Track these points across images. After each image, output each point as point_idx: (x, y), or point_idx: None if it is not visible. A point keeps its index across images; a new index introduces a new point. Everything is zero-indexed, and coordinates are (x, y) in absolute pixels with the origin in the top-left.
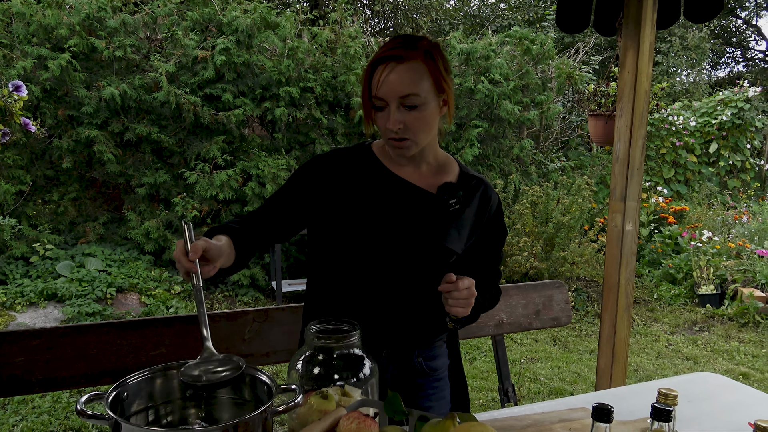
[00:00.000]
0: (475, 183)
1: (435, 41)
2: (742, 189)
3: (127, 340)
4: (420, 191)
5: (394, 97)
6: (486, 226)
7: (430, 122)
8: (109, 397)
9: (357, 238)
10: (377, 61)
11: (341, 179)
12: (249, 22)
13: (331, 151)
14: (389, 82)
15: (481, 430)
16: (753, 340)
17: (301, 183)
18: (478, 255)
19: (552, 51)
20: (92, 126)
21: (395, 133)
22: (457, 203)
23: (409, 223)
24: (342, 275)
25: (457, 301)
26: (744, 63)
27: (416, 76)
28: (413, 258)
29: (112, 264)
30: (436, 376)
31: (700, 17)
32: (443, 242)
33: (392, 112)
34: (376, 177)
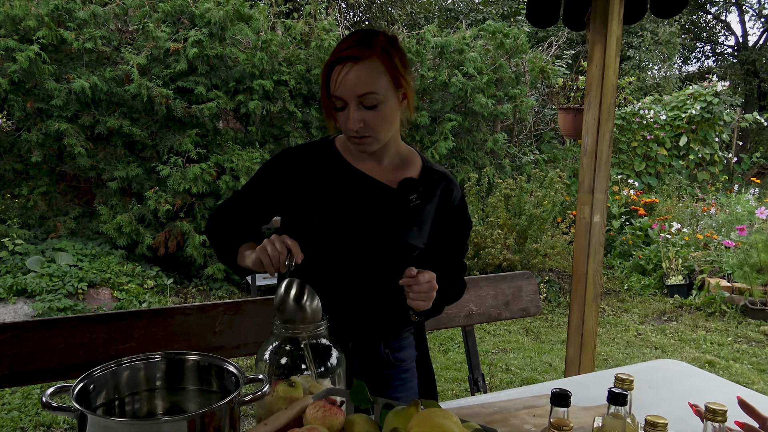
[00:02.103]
0: (437, 177)
1: (392, 35)
2: (710, 181)
3: (96, 334)
4: (381, 186)
5: (352, 96)
6: (448, 220)
7: (391, 119)
8: (75, 389)
9: (320, 232)
10: (334, 62)
11: (304, 174)
12: (222, 15)
13: (295, 146)
14: (347, 83)
15: (442, 415)
16: (719, 328)
17: (267, 178)
18: (442, 248)
19: (525, 45)
20: (62, 119)
21: (356, 132)
22: (417, 198)
23: (369, 218)
24: (308, 268)
25: (417, 294)
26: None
27: (373, 75)
28: (375, 253)
29: (83, 259)
30: (403, 367)
31: (666, 12)
32: (404, 238)
33: (352, 112)
34: (337, 172)
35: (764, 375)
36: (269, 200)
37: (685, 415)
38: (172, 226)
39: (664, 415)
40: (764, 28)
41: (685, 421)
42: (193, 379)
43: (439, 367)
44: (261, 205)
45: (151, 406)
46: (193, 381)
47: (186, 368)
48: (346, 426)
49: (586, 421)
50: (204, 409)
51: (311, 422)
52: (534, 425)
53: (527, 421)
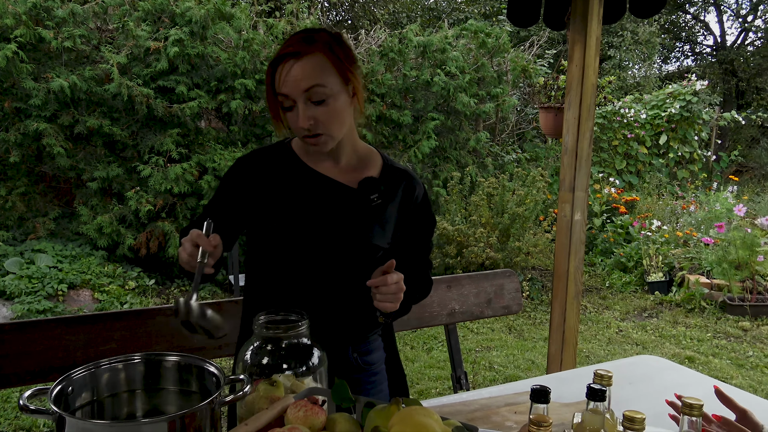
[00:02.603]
0: (398, 176)
1: (336, 32)
2: (690, 179)
3: (75, 336)
4: (341, 187)
5: (298, 92)
6: (412, 218)
7: (342, 115)
8: (53, 392)
9: (282, 236)
10: (276, 60)
11: (263, 179)
12: (203, 13)
13: (251, 152)
14: (291, 78)
15: (423, 413)
16: (698, 324)
17: (228, 187)
18: (407, 247)
19: (507, 44)
20: (41, 119)
21: (308, 131)
22: (378, 198)
23: (331, 220)
24: (272, 273)
25: (385, 296)
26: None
27: (317, 68)
28: (339, 255)
29: (63, 260)
30: (373, 371)
31: (645, 12)
32: (368, 238)
33: (301, 109)
34: (296, 174)
35: (742, 370)
36: (233, 212)
37: (664, 410)
38: (153, 227)
39: (643, 410)
40: (742, 28)
41: (664, 416)
42: (174, 380)
43: (423, 366)
44: (226, 219)
45: (131, 408)
46: (173, 382)
47: (166, 369)
48: (328, 425)
49: (566, 417)
50: (184, 410)
51: (292, 422)
52: (515, 422)
53: (508, 418)
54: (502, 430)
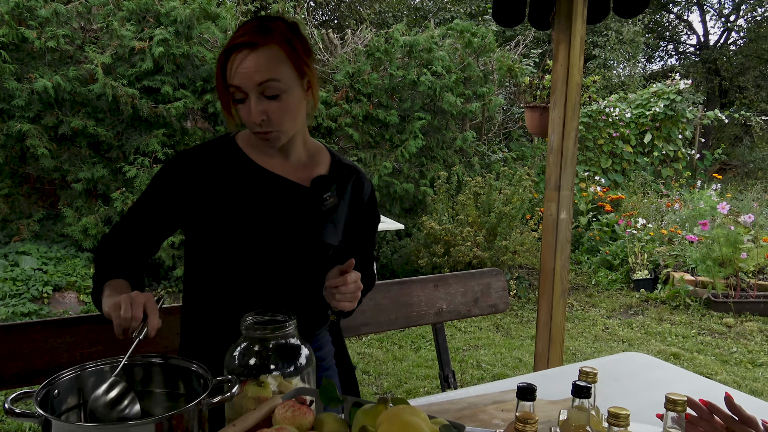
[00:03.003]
0: (347, 172)
1: (292, 21)
2: (674, 178)
3: (61, 339)
4: (292, 185)
5: (252, 85)
6: (360, 215)
7: (295, 110)
8: (39, 395)
9: (230, 236)
10: (230, 49)
11: (207, 176)
12: (188, 13)
13: (193, 148)
14: (244, 70)
15: (410, 412)
16: (683, 321)
17: (166, 185)
18: (353, 243)
19: (493, 44)
20: (24, 119)
21: (259, 126)
22: (331, 197)
23: (283, 219)
24: (218, 274)
25: (344, 295)
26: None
27: (273, 62)
28: (290, 254)
29: (48, 262)
30: (324, 365)
31: (629, 12)
32: (320, 237)
33: (253, 103)
34: (243, 172)
35: (727, 366)
36: (169, 212)
37: (649, 406)
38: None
39: (628, 406)
40: (724, 27)
41: (648, 413)
42: (160, 382)
43: (411, 365)
44: (160, 220)
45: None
46: (160, 384)
47: (153, 371)
48: (316, 425)
49: (552, 414)
50: (171, 412)
51: (280, 422)
52: (502, 420)
53: (496, 416)
54: (489, 428)
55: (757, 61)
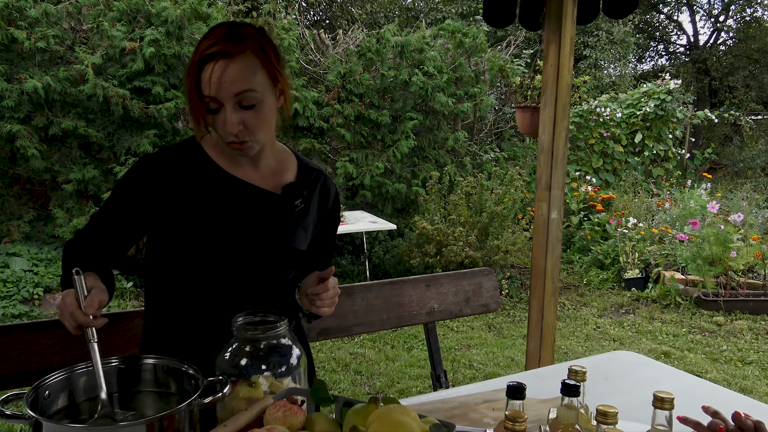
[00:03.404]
0: (314, 176)
1: (260, 27)
2: (665, 177)
3: (51, 340)
4: (263, 193)
5: (228, 96)
6: (326, 219)
7: (269, 119)
8: (30, 397)
9: (197, 242)
10: (203, 59)
11: (173, 181)
12: (179, 13)
13: (158, 151)
14: (222, 82)
15: (400, 411)
16: (674, 320)
17: (132, 188)
18: (317, 246)
19: (484, 44)
20: (14, 120)
21: (235, 137)
22: (302, 203)
23: (254, 226)
24: (184, 280)
25: (324, 302)
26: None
27: (249, 71)
28: (259, 261)
29: (39, 263)
30: None
31: (618, 13)
32: (290, 244)
33: (229, 114)
34: (211, 179)
35: (717, 364)
36: (134, 215)
37: (638, 404)
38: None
39: (617, 404)
40: (714, 28)
41: (639, 411)
42: (152, 383)
43: (403, 365)
44: (125, 223)
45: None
46: (151, 385)
47: (144, 372)
48: (307, 425)
49: (542, 412)
50: (162, 413)
51: (271, 422)
52: (493, 419)
53: (486, 415)
54: (479, 427)
55: (747, 61)
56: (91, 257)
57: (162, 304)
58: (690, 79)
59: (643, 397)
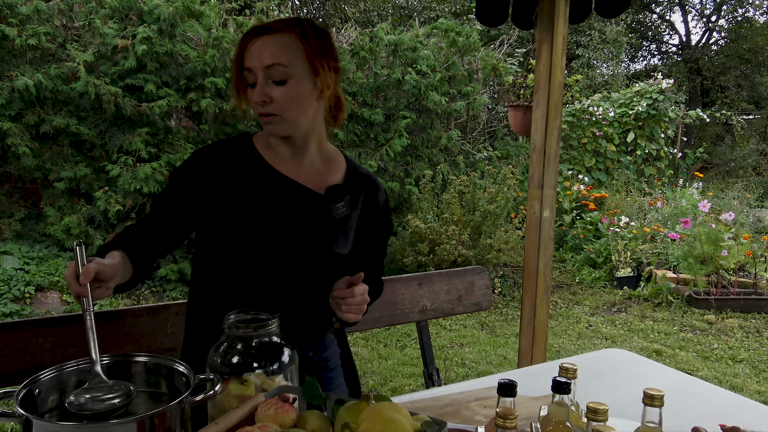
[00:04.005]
0: (361, 181)
1: (323, 27)
2: (657, 176)
3: (43, 338)
4: (305, 191)
5: (260, 66)
6: (372, 224)
7: (300, 101)
8: (20, 395)
9: (239, 237)
10: (249, 33)
11: (222, 176)
12: (171, 11)
13: (210, 145)
14: (256, 52)
15: (392, 409)
16: (666, 318)
17: (183, 181)
18: (364, 251)
19: (477, 43)
20: (5, 118)
21: (261, 106)
22: (344, 207)
23: (293, 224)
24: (226, 273)
25: (350, 307)
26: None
27: (284, 47)
28: (298, 260)
29: (30, 262)
30: (329, 366)
31: (610, 12)
32: (330, 247)
33: (259, 84)
34: (257, 174)
35: (708, 362)
36: (187, 208)
37: (629, 401)
38: (123, 227)
39: (608, 402)
40: (706, 28)
41: (628, 408)
42: (143, 381)
43: (396, 363)
44: (178, 216)
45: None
46: (142, 383)
47: (135, 370)
48: (299, 423)
49: (534, 410)
50: (153, 410)
51: (263, 420)
52: (484, 416)
53: (478, 413)
54: (471, 424)
55: (738, 61)
56: (133, 241)
57: (205, 300)
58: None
59: (633, 394)
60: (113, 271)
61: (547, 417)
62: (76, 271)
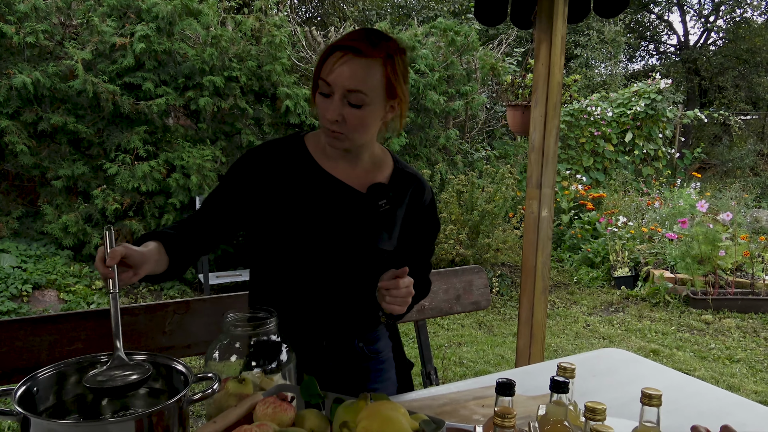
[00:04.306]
0: (407, 180)
1: (402, 47)
2: (654, 176)
3: (40, 337)
4: (350, 190)
5: (340, 87)
6: (418, 222)
7: (370, 124)
8: (18, 392)
9: (289, 235)
10: (336, 47)
11: (273, 174)
12: (169, 9)
13: (263, 144)
14: (340, 72)
15: (390, 407)
16: (663, 318)
17: (235, 180)
18: (410, 249)
19: (476, 42)
20: (3, 116)
21: (331, 123)
22: (387, 203)
23: (339, 224)
24: (278, 271)
25: (395, 299)
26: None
27: (369, 75)
28: (345, 257)
29: (27, 260)
30: (380, 358)
31: (609, 12)
32: (374, 243)
33: (335, 103)
34: (306, 174)
35: (705, 362)
36: (238, 205)
37: (627, 401)
38: (120, 226)
39: (606, 401)
40: (704, 28)
41: (626, 407)
42: None
43: None
44: (229, 212)
45: (99, 408)
46: None
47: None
48: (297, 421)
49: (532, 409)
50: (151, 409)
51: (261, 419)
52: (482, 415)
53: (476, 412)
54: (469, 423)
55: (736, 62)
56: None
57: (263, 295)
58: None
59: (631, 393)
60: (142, 258)
61: (545, 416)
62: (104, 254)
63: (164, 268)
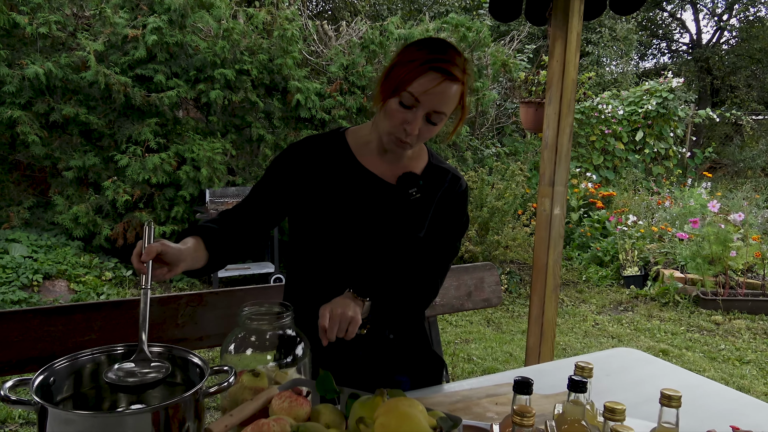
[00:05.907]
0: (441, 175)
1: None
2: (665, 175)
3: (54, 327)
4: (384, 184)
5: (428, 107)
6: (447, 213)
7: (434, 135)
8: (35, 382)
9: (324, 226)
10: (436, 68)
11: (312, 169)
12: (182, 1)
13: (304, 139)
14: (434, 94)
15: (407, 404)
16: (672, 318)
17: (277, 173)
18: (435, 241)
19: (488, 38)
20: (15, 106)
21: (405, 135)
22: (417, 192)
23: (371, 213)
24: (315, 261)
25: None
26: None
27: (453, 100)
28: (378, 245)
29: (38, 250)
30: (408, 350)
31: (625, 9)
32: (406, 231)
33: (417, 119)
34: (343, 168)
35: (715, 363)
36: (280, 198)
37: (641, 401)
38: (131, 217)
39: (620, 400)
40: (717, 27)
41: (641, 407)
42: None
43: None
44: (271, 205)
45: (115, 399)
46: None
47: None
48: (312, 416)
49: (546, 408)
50: (168, 401)
51: (277, 413)
52: (496, 413)
53: (489, 409)
54: (482, 420)
55: (749, 61)
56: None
57: (299, 285)
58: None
59: (644, 393)
60: (178, 255)
61: (562, 415)
62: (140, 249)
63: (202, 263)
